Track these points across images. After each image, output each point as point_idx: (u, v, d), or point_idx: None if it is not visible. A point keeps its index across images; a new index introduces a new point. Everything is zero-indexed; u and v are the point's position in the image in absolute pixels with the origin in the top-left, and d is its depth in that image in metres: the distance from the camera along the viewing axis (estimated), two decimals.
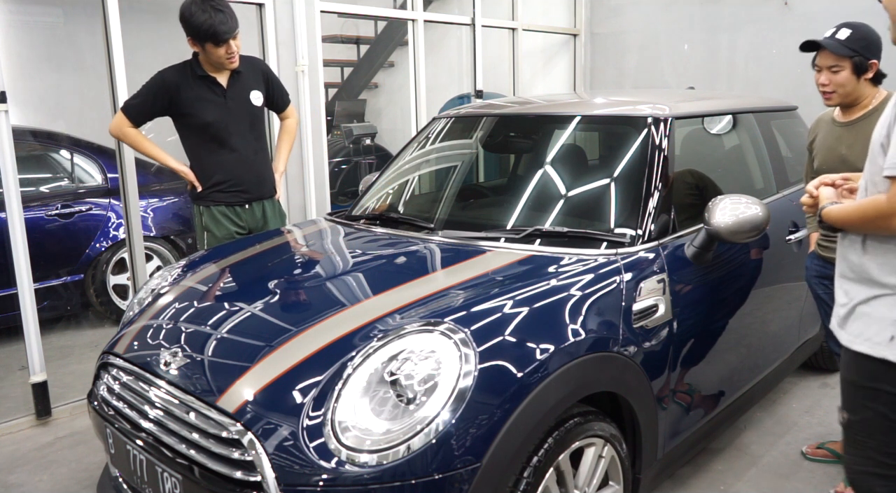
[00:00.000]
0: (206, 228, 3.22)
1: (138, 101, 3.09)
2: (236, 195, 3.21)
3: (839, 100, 2.56)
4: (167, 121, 3.20)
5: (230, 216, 3.21)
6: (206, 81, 3.11)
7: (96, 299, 4.71)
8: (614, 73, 6.47)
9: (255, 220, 3.29)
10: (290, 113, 3.48)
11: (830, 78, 2.52)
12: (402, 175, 3.24)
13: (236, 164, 3.18)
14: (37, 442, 3.25)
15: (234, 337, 2.07)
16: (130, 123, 3.09)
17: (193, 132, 3.15)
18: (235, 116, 3.15)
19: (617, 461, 2.14)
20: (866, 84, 2.52)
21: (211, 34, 2.94)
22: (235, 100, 3.16)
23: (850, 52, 2.46)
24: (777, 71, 5.45)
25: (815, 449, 3.00)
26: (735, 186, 3.04)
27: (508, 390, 1.77)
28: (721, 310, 2.61)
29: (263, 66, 3.35)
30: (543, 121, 3.10)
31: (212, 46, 2.99)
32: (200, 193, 3.20)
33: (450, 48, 6.57)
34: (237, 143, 3.17)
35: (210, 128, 3.12)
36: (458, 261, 2.38)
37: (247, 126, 3.20)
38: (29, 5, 5.48)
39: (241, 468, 1.72)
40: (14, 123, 3.33)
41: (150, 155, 3.17)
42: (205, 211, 3.21)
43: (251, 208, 3.26)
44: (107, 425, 2.12)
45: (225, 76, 3.15)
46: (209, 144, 3.15)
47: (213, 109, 3.10)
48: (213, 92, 3.12)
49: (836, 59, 2.49)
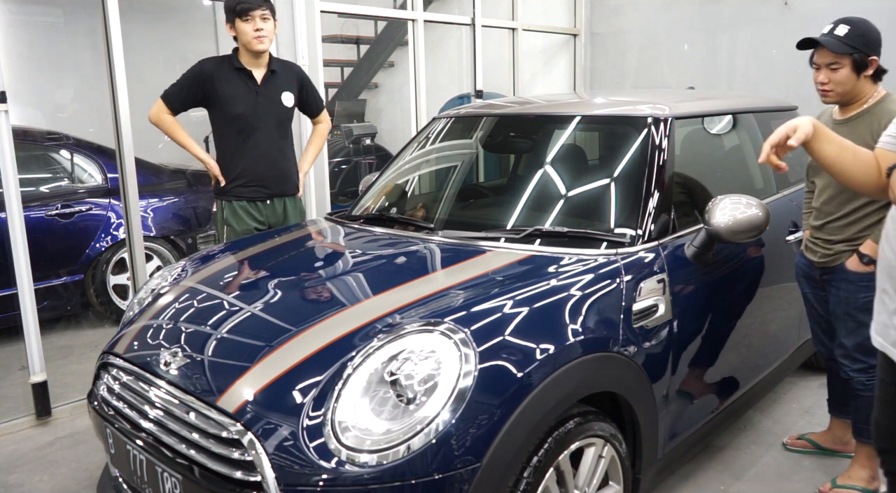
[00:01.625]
0: (227, 222, 3.31)
1: (176, 88, 3.21)
2: (257, 191, 3.29)
3: (836, 98, 2.50)
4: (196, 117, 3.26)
5: (251, 211, 3.30)
6: (241, 74, 3.22)
7: (96, 299, 4.71)
8: (614, 74, 6.47)
9: (275, 216, 3.37)
10: (322, 118, 3.60)
11: (829, 76, 2.45)
12: (402, 175, 3.24)
13: (259, 159, 3.27)
14: (37, 442, 3.25)
15: (234, 337, 2.07)
16: (168, 111, 3.20)
17: (223, 123, 3.26)
18: (264, 111, 3.25)
19: (617, 461, 2.14)
20: (866, 81, 2.46)
21: (235, 6, 3.11)
22: (267, 97, 3.26)
23: (849, 48, 2.40)
24: (777, 71, 5.44)
25: (796, 440, 3.02)
26: (735, 186, 3.05)
27: (508, 390, 1.77)
28: (721, 310, 2.62)
29: (301, 72, 3.48)
30: (543, 121, 3.10)
31: (240, 22, 3.14)
32: (223, 187, 3.28)
33: (450, 48, 6.57)
34: (262, 138, 3.26)
35: (238, 120, 3.22)
36: (458, 261, 2.38)
37: (274, 123, 3.29)
38: (29, 5, 5.48)
39: (241, 468, 1.72)
40: (14, 122, 3.34)
41: (183, 144, 3.27)
42: (226, 205, 3.30)
43: (272, 205, 3.34)
44: (107, 425, 2.12)
45: (261, 72, 3.26)
46: (236, 137, 3.25)
47: (243, 102, 3.21)
48: (247, 85, 3.23)
49: (834, 57, 2.42)
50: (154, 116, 3.23)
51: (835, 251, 2.56)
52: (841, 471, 2.77)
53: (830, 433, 2.97)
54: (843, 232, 2.53)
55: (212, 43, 6.72)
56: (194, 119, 3.30)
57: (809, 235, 2.70)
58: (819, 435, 3.00)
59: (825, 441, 2.97)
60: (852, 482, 2.64)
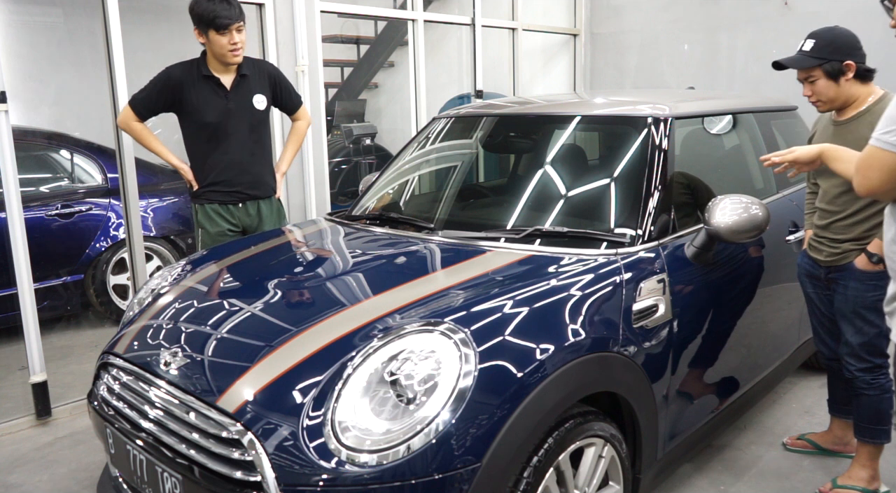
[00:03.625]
0: (201, 225, 3.29)
1: (144, 95, 3.15)
2: (229, 195, 3.26)
3: (827, 106, 2.55)
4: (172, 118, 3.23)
5: (223, 214, 3.26)
6: (210, 82, 3.14)
7: (96, 299, 4.71)
8: (614, 74, 6.47)
9: (248, 218, 3.32)
10: (300, 115, 3.51)
11: (811, 88, 2.53)
12: (402, 175, 3.24)
13: (230, 165, 3.22)
14: (37, 442, 3.25)
15: (234, 337, 2.07)
16: (136, 117, 3.15)
17: (193, 130, 3.20)
18: (236, 118, 3.18)
19: (617, 461, 2.14)
20: (851, 84, 2.47)
21: (213, 19, 3.01)
22: (238, 102, 3.19)
23: (815, 61, 2.46)
24: (777, 71, 5.44)
25: (796, 440, 3.03)
26: (735, 186, 3.05)
27: (508, 390, 1.77)
28: (721, 310, 2.62)
29: (272, 69, 3.37)
30: (543, 121, 3.10)
31: (214, 33, 3.04)
32: (197, 191, 3.27)
33: (450, 48, 6.57)
34: (233, 145, 3.20)
35: (209, 128, 3.16)
36: (458, 261, 2.38)
37: (246, 129, 3.23)
38: (29, 5, 5.48)
39: (241, 468, 1.72)
40: (14, 122, 3.34)
41: (154, 150, 3.22)
42: (199, 209, 3.28)
43: (244, 207, 3.30)
44: (107, 425, 2.12)
45: (230, 78, 3.18)
46: (206, 144, 3.20)
47: (213, 110, 3.14)
48: (216, 93, 3.15)
49: (806, 71, 2.51)
50: (123, 123, 3.19)
51: (842, 250, 2.56)
52: (841, 471, 2.77)
53: (831, 434, 2.97)
54: (850, 231, 2.53)
55: None
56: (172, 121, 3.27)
57: (813, 234, 2.70)
58: (819, 436, 3.00)
59: (825, 442, 2.97)
60: (853, 483, 2.64)
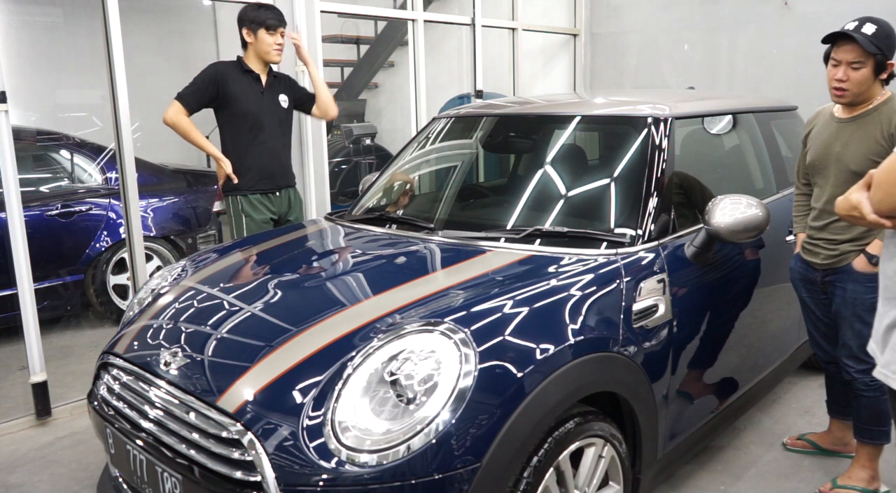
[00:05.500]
0: (246, 214, 3.55)
1: (193, 89, 3.42)
2: (268, 183, 3.58)
3: (851, 98, 2.41)
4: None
5: (265, 203, 3.59)
6: (249, 76, 3.53)
7: (96, 299, 4.71)
8: (614, 74, 6.47)
9: (283, 206, 3.68)
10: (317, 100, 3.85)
11: (849, 74, 2.35)
12: (403, 175, 3.24)
13: (268, 154, 3.56)
14: (37, 442, 3.25)
15: (234, 337, 2.07)
16: (185, 111, 3.39)
17: (234, 121, 3.50)
18: (268, 110, 3.56)
19: (617, 461, 2.14)
20: (878, 84, 2.41)
21: (265, 20, 3.45)
22: (270, 98, 3.59)
23: (875, 49, 2.32)
24: (777, 71, 5.45)
25: (796, 441, 3.03)
26: (735, 186, 3.04)
27: (508, 390, 1.77)
28: (721, 310, 2.62)
29: (290, 79, 3.82)
30: (543, 121, 3.10)
31: (264, 33, 3.46)
32: (238, 184, 3.52)
33: (450, 48, 6.57)
34: (269, 135, 3.56)
35: (249, 117, 3.50)
36: (458, 261, 2.38)
37: (276, 121, 3.60)
38: (29, 5, 5.48)
39: (241, 468, 1.72)
40: (14, 123, 3.33)
41: (199, 144, 3.48)
42: (243, 199, 3.55)
43: (280, 195, 3.66)
44: (107, 425, 2.12)
45: (265, 76, 3.58)
46: (247, 133, 3.51)
47: (253, 101, 3.50)
48: (254, 87, 3.53)
49: (860, 55, 2.32)
50: (172, 118, 3.38)
51: (840, 251, 2.53)
52: (841, 471, 2.77)
53: (830, 434, 2.97)
54: (849, 231, 2.50)
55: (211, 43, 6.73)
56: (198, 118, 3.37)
57: (808, 236, 2.67)
58: (819, 436, 3.00)
59: (825, 442, 2.97)
60: (853, 483, 2.64)
